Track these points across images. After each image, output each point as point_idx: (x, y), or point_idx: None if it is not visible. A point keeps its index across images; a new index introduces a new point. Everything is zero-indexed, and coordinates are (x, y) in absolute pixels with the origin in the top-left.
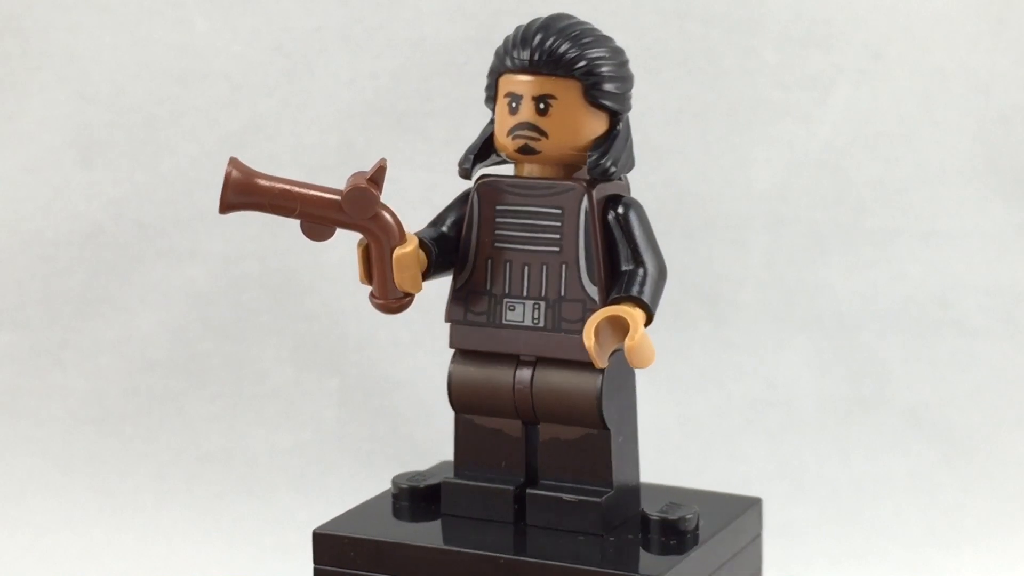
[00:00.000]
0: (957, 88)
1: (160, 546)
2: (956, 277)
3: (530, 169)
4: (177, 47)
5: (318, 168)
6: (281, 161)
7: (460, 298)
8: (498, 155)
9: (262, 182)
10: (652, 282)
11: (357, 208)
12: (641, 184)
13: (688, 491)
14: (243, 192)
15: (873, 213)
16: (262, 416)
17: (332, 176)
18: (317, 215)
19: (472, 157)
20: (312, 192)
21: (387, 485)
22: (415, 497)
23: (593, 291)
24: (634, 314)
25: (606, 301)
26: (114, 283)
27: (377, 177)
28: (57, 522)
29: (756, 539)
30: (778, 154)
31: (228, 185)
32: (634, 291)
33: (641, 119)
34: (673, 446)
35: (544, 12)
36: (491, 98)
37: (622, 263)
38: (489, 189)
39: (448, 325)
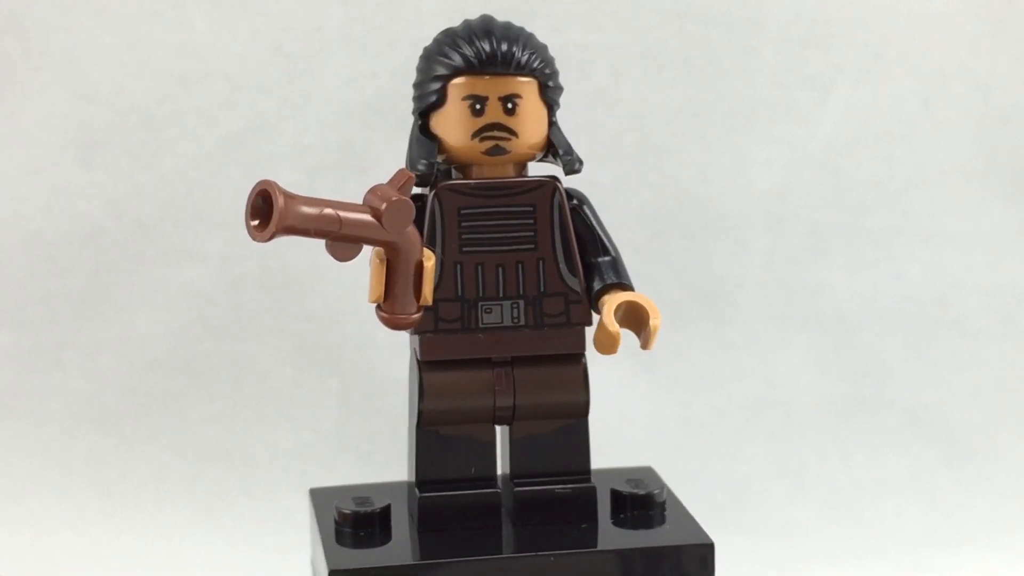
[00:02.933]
0: (957, 88)
1: (160, 546)
2: (956, 277)
3: (485, 171)
4: (177, 47)
5: (318, 168)
6: (281, 161)
7: (428, 308)
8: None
9: (307, 209)
10: (623, 267)
11: (396, 222)
12: (641, 184)
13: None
14: (293, 219)
15: (873, 213)
16: (262, 416)
17: (332, 176)
18: (356, 235)
19: (428, 161)
20: (352, 213)
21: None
22: (360, 523)
23: (574, 282)
24: (648, 298)
25: (588, 291)
26: (114, 283)
27: (406, 188)
28: (57, 522)
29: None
30: (778, 154)
31: (280, 215)
32: (615, 278)
33: (641, 119)
34: (673, 446)
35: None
36: (434, 104)
37: (588, 254)
38: (450, 194)
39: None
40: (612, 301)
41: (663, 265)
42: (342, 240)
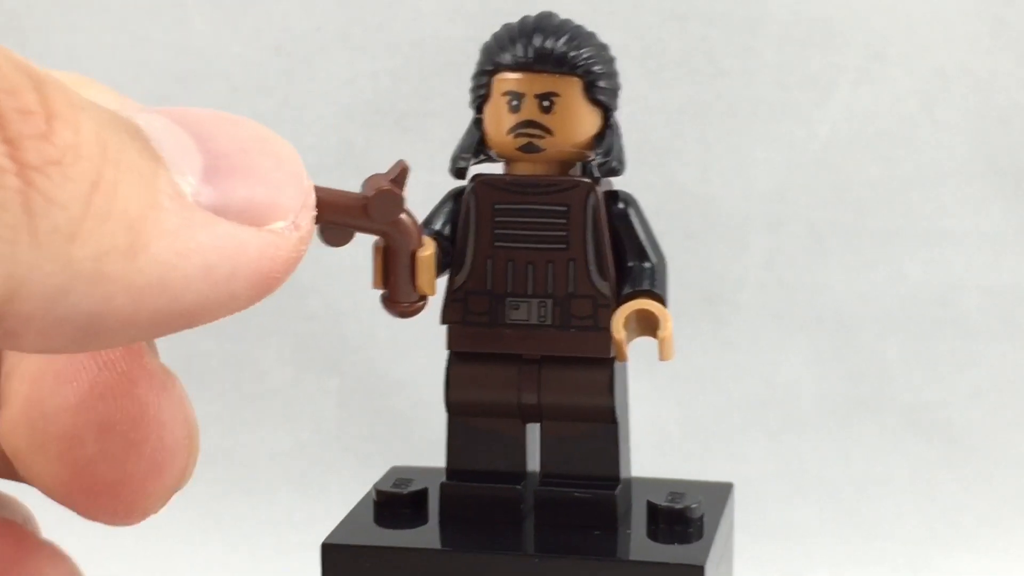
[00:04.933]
0: (957, 88)
1: (160, 546)
2: (956, 277)
3: (525, 167)
4: (177, 47)
5: (318, 168)
6: None
7: (458, 299)
8: (487, 154)
9: None
10: (661, 275)
11: (383, 212)
12: (641, 184)
13: (664, 480)
14: None
15: (873, 213)
16: (262, 416)
17: (332, 177)
18: (340, 221)
19: (469, 156)
20: (335, 197)
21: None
22: (397, 504)
23: (604, 286)
24: (662, 307)
25: (617, 296)
26: None
27: (400, 179)
28: (57, 522)
29: (732, 522)
30: (778, 154)
31: None
32: (646, 285)
33: (641, 119)
34: (673, 446)
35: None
36: (481, 98)
37: (628, 258)
38: (486, 188)
39: (443, 327)
40: (625, 308)
41: None
42: (328, 225)
